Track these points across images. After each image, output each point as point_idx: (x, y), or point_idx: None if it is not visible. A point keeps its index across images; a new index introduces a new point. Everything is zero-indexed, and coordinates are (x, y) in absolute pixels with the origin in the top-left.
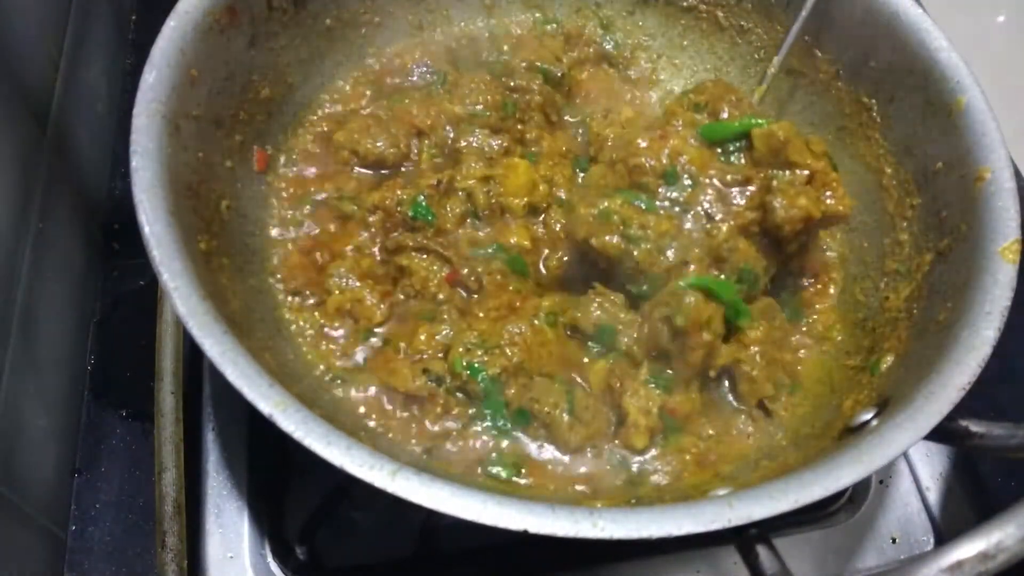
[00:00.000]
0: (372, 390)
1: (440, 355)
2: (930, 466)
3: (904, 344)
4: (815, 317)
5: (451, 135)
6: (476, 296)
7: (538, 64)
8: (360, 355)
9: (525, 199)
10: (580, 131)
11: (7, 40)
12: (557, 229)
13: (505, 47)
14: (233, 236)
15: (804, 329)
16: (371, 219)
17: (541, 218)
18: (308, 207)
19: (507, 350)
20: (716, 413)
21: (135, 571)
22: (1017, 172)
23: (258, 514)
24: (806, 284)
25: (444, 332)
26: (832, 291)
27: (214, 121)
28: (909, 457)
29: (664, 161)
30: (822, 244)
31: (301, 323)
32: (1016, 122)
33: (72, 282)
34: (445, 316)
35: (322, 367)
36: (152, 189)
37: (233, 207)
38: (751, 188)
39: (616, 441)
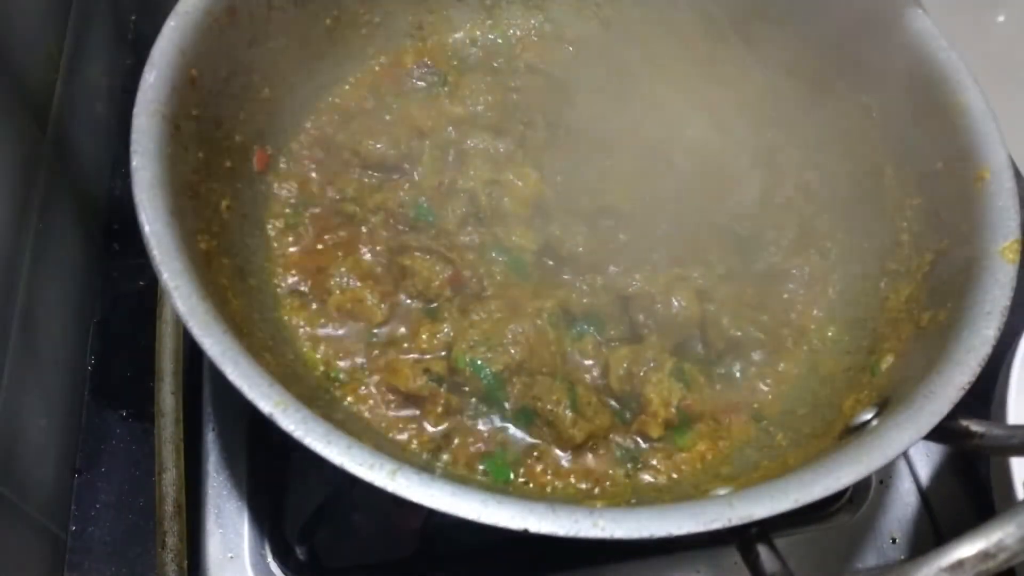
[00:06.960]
0: (373, 390)
1: (442, 354)
2: (930, 466)
3: (904, 344)
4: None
5: (453, 136)
6: (478, 297)
7: (540, 66)
8: (361, 355)
9: (530, 208)
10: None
11: (7, 40)
12: (558, 234)
13: (506, 48)
14: (233, 236)
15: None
16: (373, 220)
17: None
18: (309, 207)
19: (510, 349)
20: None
21: (135, 571)
22: (1017, 172)
23: (258, 514)
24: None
25: (445, 332)
26: (830, 291)
27: (214, 121)
28: (909, 457)
29: None
30: (821, 245)
31: (301, 323)
32: (1016, 122)
33: (72, 282)
34: (446, 316)
35: (322, 367)
36: (152, 189)
37: (233, 207)
38: None
39: (628, 432)
